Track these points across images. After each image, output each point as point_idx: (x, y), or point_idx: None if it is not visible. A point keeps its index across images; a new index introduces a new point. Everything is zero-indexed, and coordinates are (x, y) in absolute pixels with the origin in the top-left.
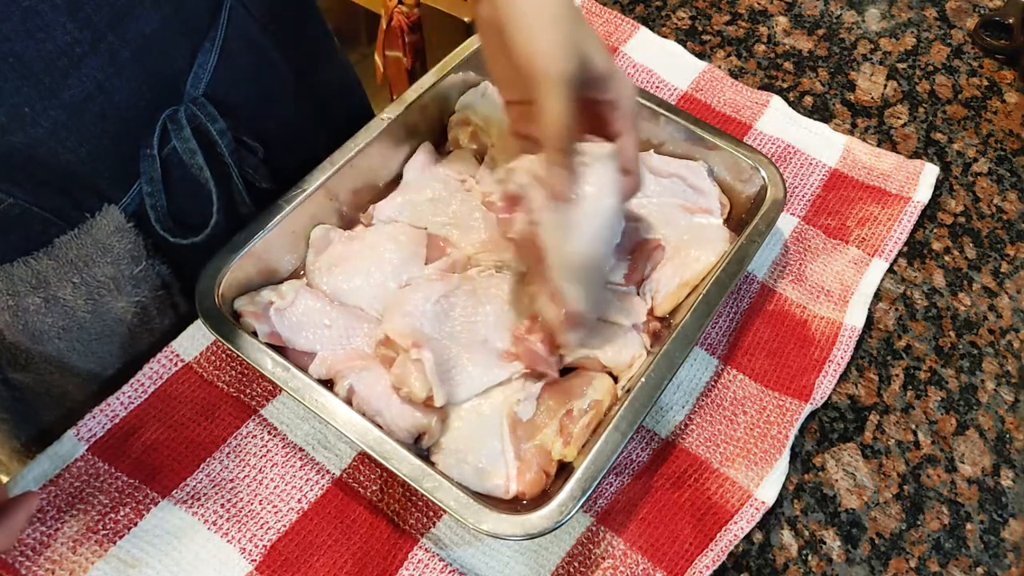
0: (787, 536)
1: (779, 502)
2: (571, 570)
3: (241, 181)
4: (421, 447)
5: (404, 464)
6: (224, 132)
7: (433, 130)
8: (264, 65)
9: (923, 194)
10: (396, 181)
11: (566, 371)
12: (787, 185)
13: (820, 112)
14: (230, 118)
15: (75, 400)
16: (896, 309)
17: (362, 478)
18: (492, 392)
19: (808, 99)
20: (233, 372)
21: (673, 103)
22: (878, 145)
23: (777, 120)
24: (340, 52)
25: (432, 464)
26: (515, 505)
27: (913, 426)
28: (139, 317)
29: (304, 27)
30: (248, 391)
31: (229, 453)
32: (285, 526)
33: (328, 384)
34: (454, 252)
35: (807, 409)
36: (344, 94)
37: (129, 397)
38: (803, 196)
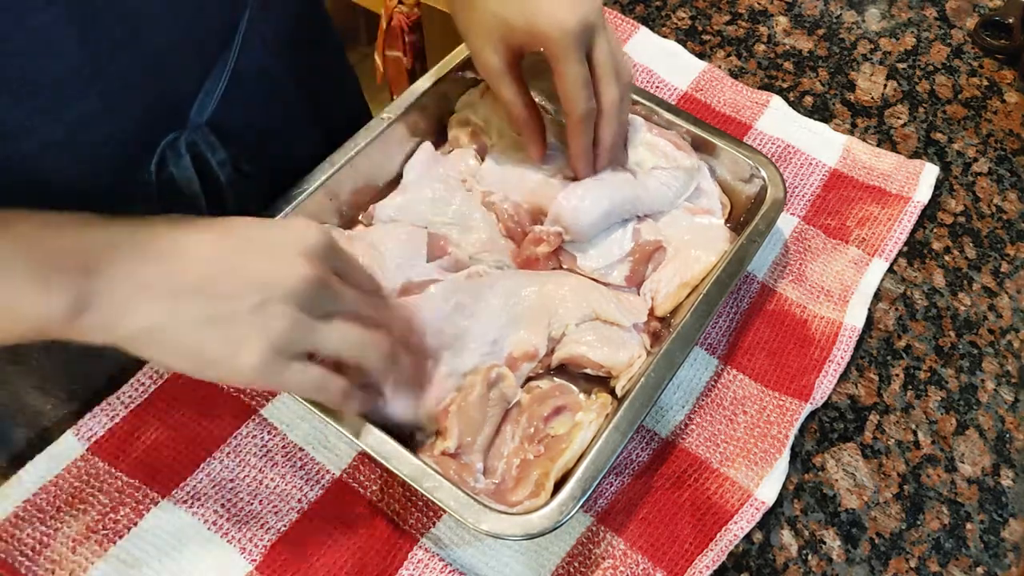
0: (787, 536)
1: (779, 502)
2: (571, 570)
3: (237, 210)
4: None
5: (404, 464)
6: (224, 163)
7: (433, 130)
8: (273, 92)
9: (923, 194)
10: (396, 181)
11: (564, 371)
12: (787, 185)
13: (820, 112)
14: (233, 146)
15: (50, 421)
16: (896, 309)
17: (362, 478)
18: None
19: (808, 99)
20: None
21: (673, 103)
22: (878, 145)
23: (777, 120)
24: (350, 73)
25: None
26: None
27: (913, 426)
28: None
29: (318, 53)
30: (248, 391)
31: (229, 453)
32: (285, 526)
33: None
34: (455, 251)
35: (807, 409)
36: (352, 119)
37: (129, 397)
38: (803, 196)
